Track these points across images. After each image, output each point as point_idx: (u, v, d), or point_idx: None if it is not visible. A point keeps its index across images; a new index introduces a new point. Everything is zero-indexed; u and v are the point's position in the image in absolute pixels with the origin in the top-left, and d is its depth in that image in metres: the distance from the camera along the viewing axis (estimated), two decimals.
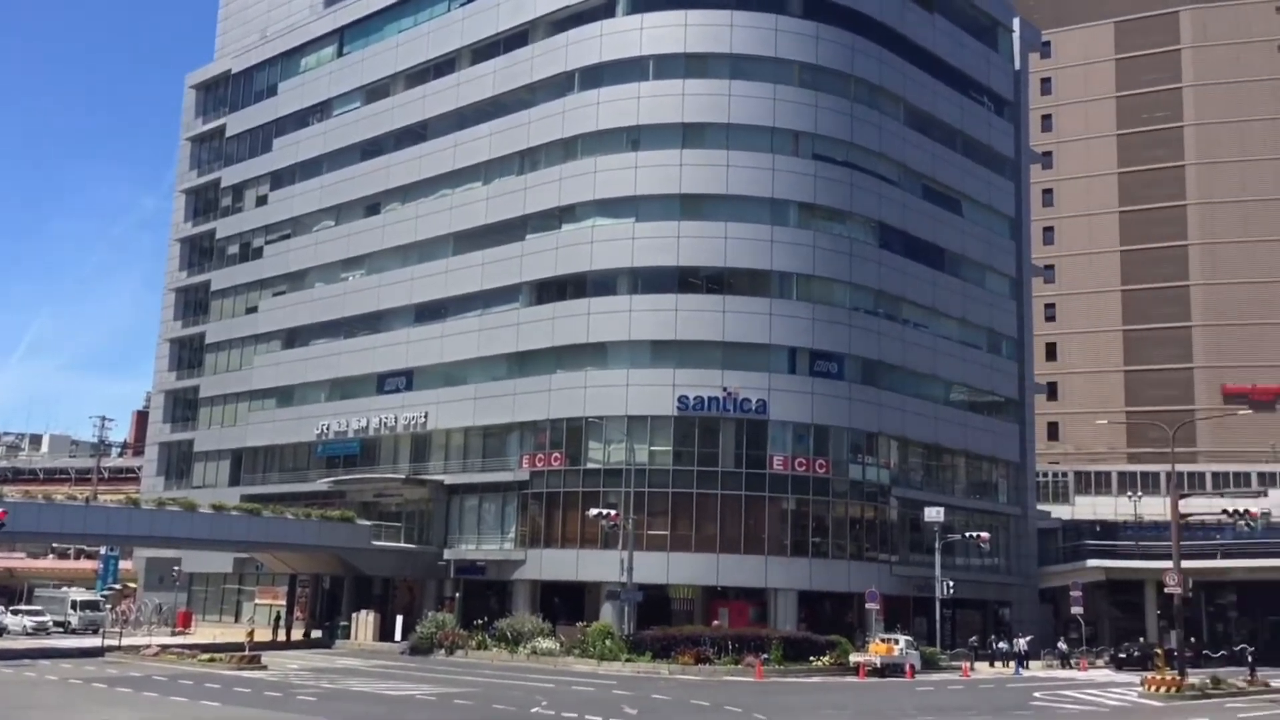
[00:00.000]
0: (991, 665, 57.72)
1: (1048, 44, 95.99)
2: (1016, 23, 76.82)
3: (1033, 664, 58.35)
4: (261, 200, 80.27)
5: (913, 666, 48.68)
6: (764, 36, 60.68)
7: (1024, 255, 75.24)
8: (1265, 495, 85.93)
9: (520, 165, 64.31)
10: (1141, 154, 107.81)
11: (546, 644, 51.20)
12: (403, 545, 63.48)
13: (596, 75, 61.85)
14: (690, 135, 59.97)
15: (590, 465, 58.54)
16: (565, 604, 59.00)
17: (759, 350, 58.51)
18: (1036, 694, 40.89)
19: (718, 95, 60.06)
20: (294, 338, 75.35)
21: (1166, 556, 54.02)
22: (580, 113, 61.81)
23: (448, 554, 62.55)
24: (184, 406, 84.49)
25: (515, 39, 65.91)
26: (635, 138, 60.69)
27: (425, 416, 65.60)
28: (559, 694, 35.04)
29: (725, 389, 57.19)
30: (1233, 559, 69.47)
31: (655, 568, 55.50)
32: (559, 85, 63.13)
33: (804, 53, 61.13)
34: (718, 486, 56.92)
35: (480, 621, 56.46)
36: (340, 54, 76.51)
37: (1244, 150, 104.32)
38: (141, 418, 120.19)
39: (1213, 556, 68.86)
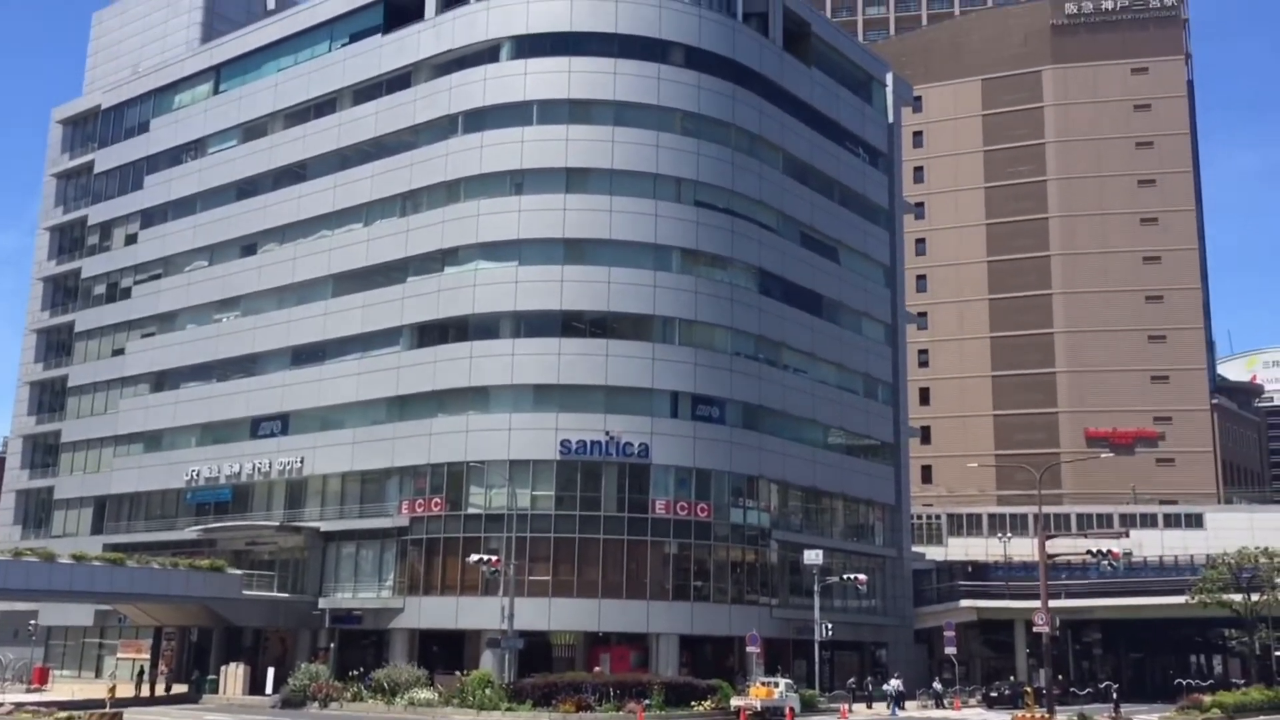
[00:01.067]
0: (869, 706, 58.40)
1: (919, 98, 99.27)
2: (890, 77, 79.38)
3: (908, 704, 59.24)
4: (131, 239, 77.85)
5: (792, 709, 48.98)
6: (647, 85, 61.47)
7: (898, 302, 77.28)
8: (1126, 536, 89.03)
9: (402, 207, 63.72)
10: (1008, 206, 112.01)
11: (424, 695, 50.06)
12: (275, 595, 61.63)
13: (480, 119, 61.78)
14: (574, 180, 60.24)
15: (471, 511, 57.81)
16: (444, 653, 57.92)
17: (641, 394, 58.74)
18: None
19: (601, 141, 60.52)
20: (163, 381, 72.98)
21: (1035, 596, 55.55)
22: (464, 156, 61.60)
23: (323, 603, 60.94)
24: (44, 452, 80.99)
25: (398, 80, 65.48)
26: (519, 182, 60.69)
27: (301, 461, 64.06)
28: None
29: (608, 433, 57.20)
30: (1097, 598, 71.77)
31: (537, 614, 54.93)
32: (442, 128, 62.87)
33: (686, 101, 62.09)
34: (600, 531, 56.71)
35: (356, 673, 54.97)
36: (216, 91, 74.99)
37: (1103, 204, 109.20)
38: None
39: (1078, 596, 71.02)
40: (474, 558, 53.15)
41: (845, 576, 62.51)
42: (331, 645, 59.66)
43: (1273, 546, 67.90)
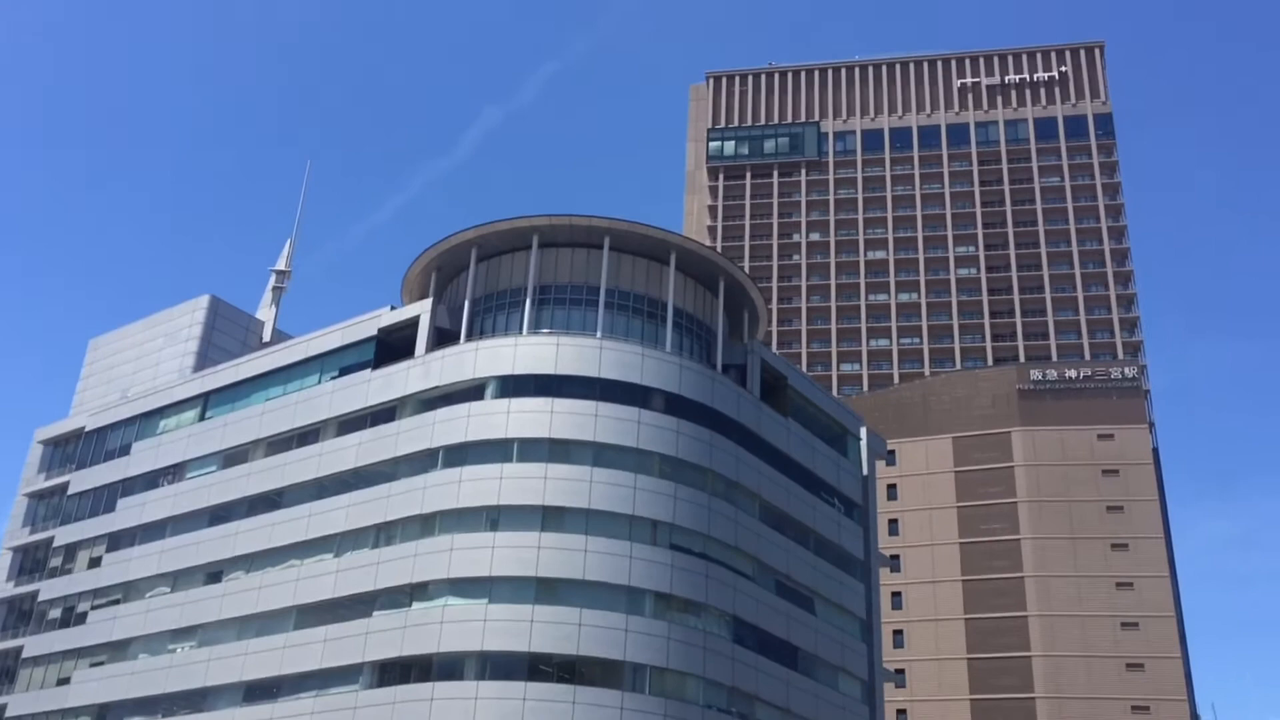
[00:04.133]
0: None
1: (893, 452, 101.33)
2: (864, 431, 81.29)
3: None
4: (95, 562, 76.30)
5: None
6: (627, 428, 62.63)
7: (875, 659, 75.26)
8: None
9: (375, 539, 63.04)
10: (983, 563, 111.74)
11: None
12: None
13: (461, 454, 62.35)
14: (550, 518, 60.06)
15: None
16: None
17: None
18: None
19: (579, 481, 60.88)
20: (104, 715, 69.20)
21: None
22: (441, 490, 61.69)
23: None
24: None
25: (383, 414, 66.56)
26: (494, 518, 60.47)
27: None
28: None
29: None
30: None
31: None
32: (422, 461, 63.32)
33: (665, 445, 63.07)
34: None
35: None
36: (202, 417, 75.96)
37: (1077, 566, 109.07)
38: None
39: None
40: None
41: None
42: None
43: None
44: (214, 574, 69.29)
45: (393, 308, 69.72)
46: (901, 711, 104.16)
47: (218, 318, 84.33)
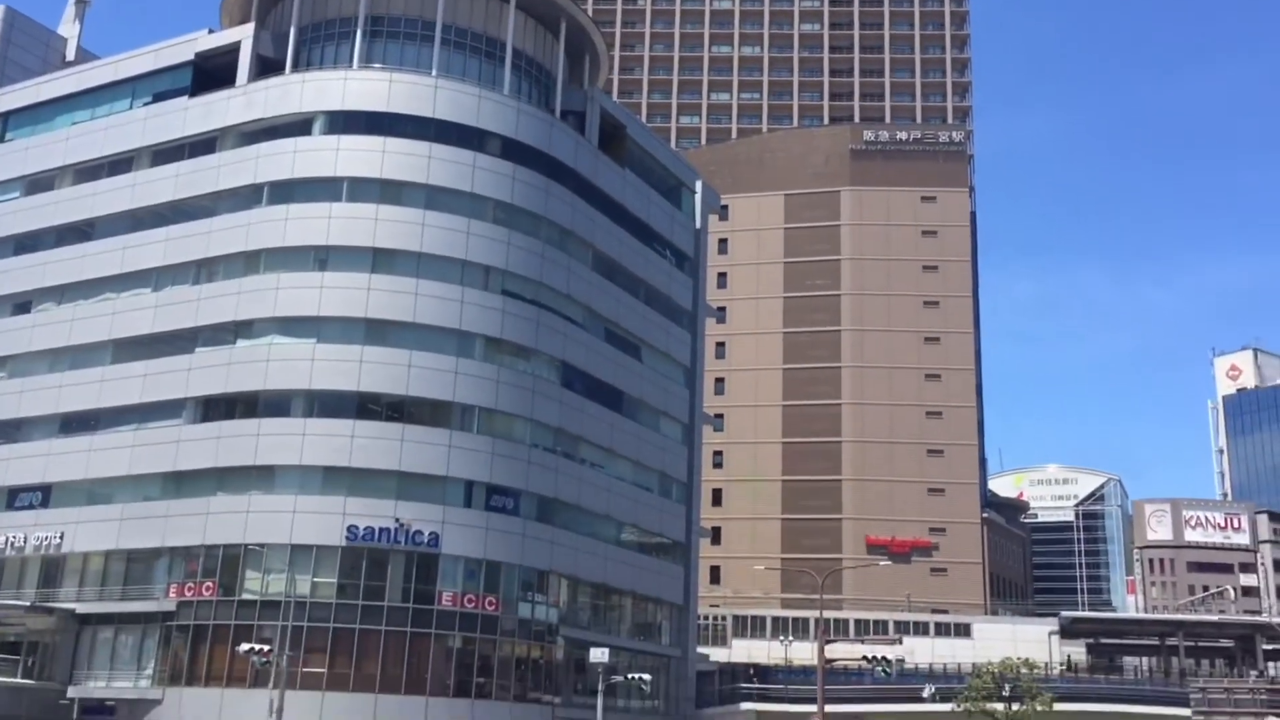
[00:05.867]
0: None
1: (726, 207, 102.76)
2: (699, 185, 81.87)
3: None
4: None
5: None
6: (461, 171, 61.43)
7: (696, 403, 78.66)
8: (900, 643, 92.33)
9: (196, 275, 61.21)
10: (805, 316, 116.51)
11: None
12: (19, 681, 56.74)
13: (287, 191, 60.26)
14: (380, 260, 59.28)
15: (246, 596, 54.95)
16: None
17: (435, 482, 57.54)
18: None
19: (411, 223, 59.91)
20: None
21: (813, 700, 56.50)
22: (266, 227, 59.87)
23: (72, 691, 56.43)
24: None
25: (202, 145, 63.32)
26: (323, 258, 59.33)
27: (61, 537, 59.75)
28: None
29: (398, 520, 55.66)
30: (871, 704, 73.45)
31: (308, 709, 52.26)
32: (245, 197, 61.01)
33: (499, 191, 62.31)
34: (382, 622, 54.80)
35: None
36: (2, 139, 70.87)
37: (890, 322, 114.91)
38: None
39: (854, 701, 72.55)
40: (244, 647, 50.35)
41: (630, 676, 62.08)
42: None
43: (1033, 658, 71.45)
44: (22, 304, 66.44)
45: (211, 31, 65.32)
46: (718, 452, 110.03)
47: (14, 31, 77.15)
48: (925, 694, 56.36)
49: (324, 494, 55.93)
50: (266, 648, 49.73)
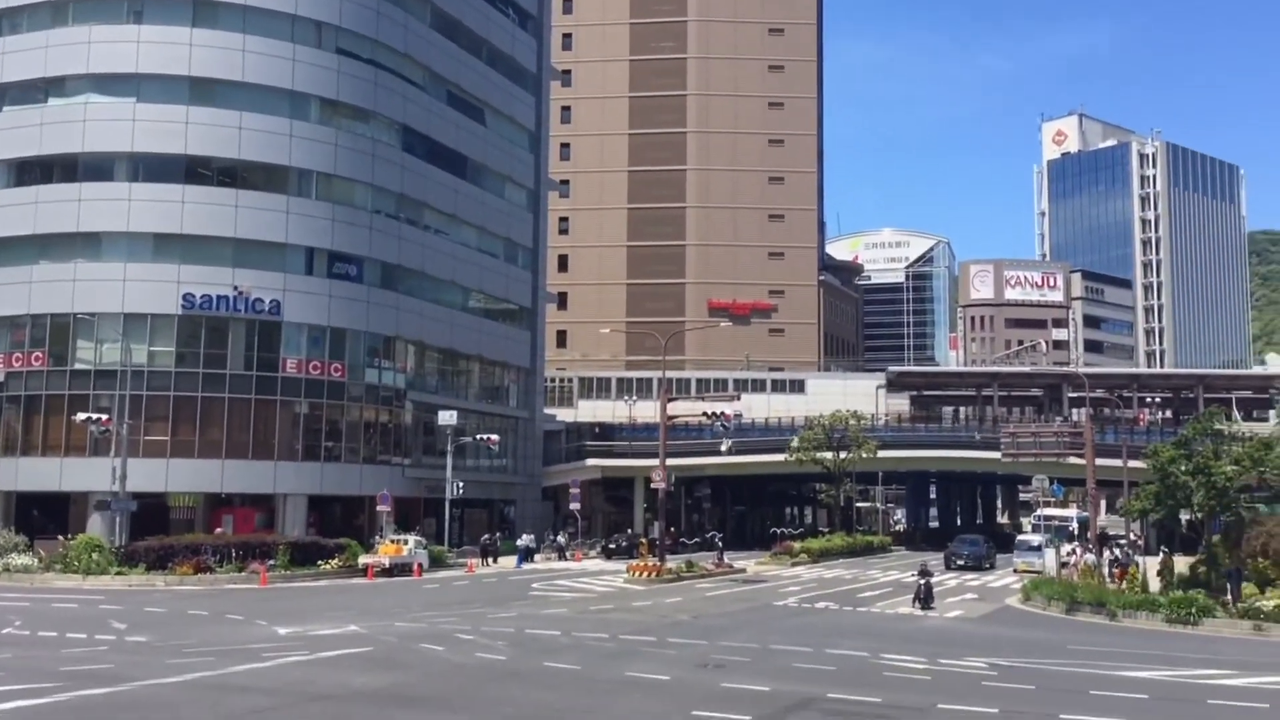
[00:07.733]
0: (495, 561, 60.45)
1: None
2: None
3: (536, 557, 61.86)
4: None
5: (421, 565, 49.89)
6: None
7: (542, 169, 77.91)
8: (738, 399, 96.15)
9: None
10: (650, 80, 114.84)
11: (22, 560, 46.58)
12: None
13: None
14: (202, 13, 55.71)
15: (79, 366, 53.78)
16: (48, 517, 54.03)
17: (274, 249, 56.31)
18: (535, 585, 43.54)
19: None
20: None
21: (655, 455, 59.15)
22: None
23: None
24: None
25: None
26: (138, 9, 55.45)
27: None
28: (37, 612, 32.24)
29: (236, 288, 54.61)
30: (709, 456, 77.24)
31: (153, 475, 52.36)
32: None
33: None
34: (225, 390, 54.55)
35: None
36: None
37: (736, 86, 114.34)
38: None
39: (693, 455, 76.26)
40: (81, 417, 49.61)
41: (478, 437, 63.74)
42: None
43: (860, 410, 75.89)
44: None
45: None
46: (564, 219, 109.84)
47: None
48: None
49: (156, 262, 54.23)
50: (105, 416, 49.06)
